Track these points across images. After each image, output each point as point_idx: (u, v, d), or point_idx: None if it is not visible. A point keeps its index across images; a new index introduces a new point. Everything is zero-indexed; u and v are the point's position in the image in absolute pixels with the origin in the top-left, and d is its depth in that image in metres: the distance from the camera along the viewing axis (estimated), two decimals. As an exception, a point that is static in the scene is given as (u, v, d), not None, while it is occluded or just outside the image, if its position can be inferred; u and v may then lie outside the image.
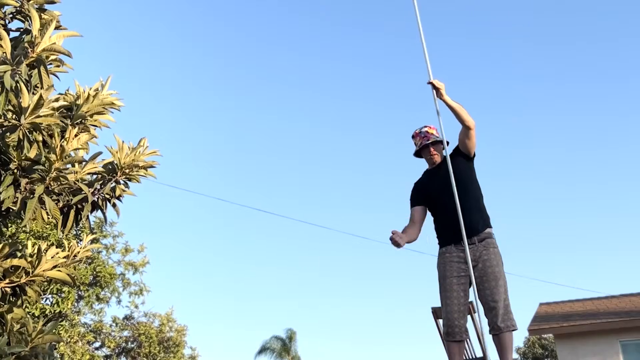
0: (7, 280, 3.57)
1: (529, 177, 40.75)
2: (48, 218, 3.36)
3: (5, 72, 2.80)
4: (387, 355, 48.64)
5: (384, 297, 47.36)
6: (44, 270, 3.62)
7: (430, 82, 4.25)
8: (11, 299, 3.66)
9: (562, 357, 16.28)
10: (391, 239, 4.10)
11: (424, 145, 4.45)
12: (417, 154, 4.58)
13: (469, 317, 4.28)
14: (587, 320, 16.29)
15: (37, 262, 3.58)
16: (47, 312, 13.62)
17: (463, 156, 4.39)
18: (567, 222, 41.40)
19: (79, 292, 16.52)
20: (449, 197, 4.18)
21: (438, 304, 4.49)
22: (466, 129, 4.27)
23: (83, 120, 3.46)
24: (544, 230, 43.20)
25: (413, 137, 4.57)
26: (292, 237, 47.78)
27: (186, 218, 41.83)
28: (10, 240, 3.55)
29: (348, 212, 43.14)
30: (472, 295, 4.28)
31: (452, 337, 4.12)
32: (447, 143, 4.39)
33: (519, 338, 34.61)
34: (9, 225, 12.71)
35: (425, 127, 4.51)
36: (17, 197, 3.21)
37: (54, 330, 3.64)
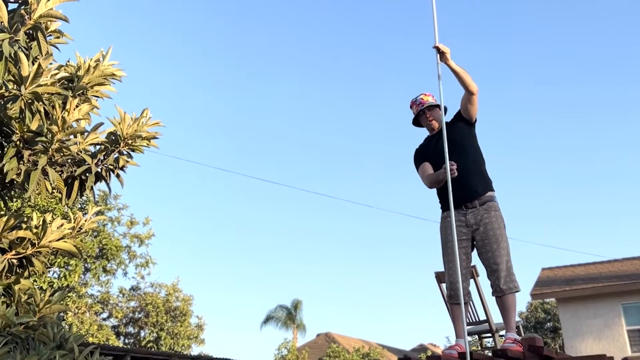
0: (13, 252, 3.60)
1: (531, 141, 40.67)
2: (52, 190, 3.38)
3: (3, 40, 2.78)
4: (393, 321, 49.24)
5: (388, 264, 47.77)
6: (49, 242, 3.65)
7: (435, 46, 4.25)
8: (18, 270, 3.70)
9: (565, 320, 16.47)
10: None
11: (420, 112, 4.52)
12: (416, 122, 4.64)
13: (472, 280, 4.33)
14: (589, 284, 16.44)
15: (42, 233, 3.61)
16: (54, 285, 13.78)
17: (464, 121, 4.43)
18: (569, 187, 41.45)
19: (86, 265, 16.69)
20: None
21: (441, 269, 4.54)
22: (469, 94, 4.30)
23: (84, 92, 3.45)
24: (547, 194, 43.29)
25: (410, 106, 4.64)
26: (297, 206, 47.96)
27: (190, 189, 41.95)
28: (15, 213, 3.57)
29: (352, 180, 43.23)
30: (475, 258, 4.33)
31: (456, 299, 4.19)
32: (445, 109, 4.43)
33: (521, 303, 34.98)
34: (14, 199, 12.79)
35: (421, 95, 4.57)
36: (20, 169, 3.22)
37: (61, 301, 3.69)
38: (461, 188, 4.09)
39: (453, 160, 4.02)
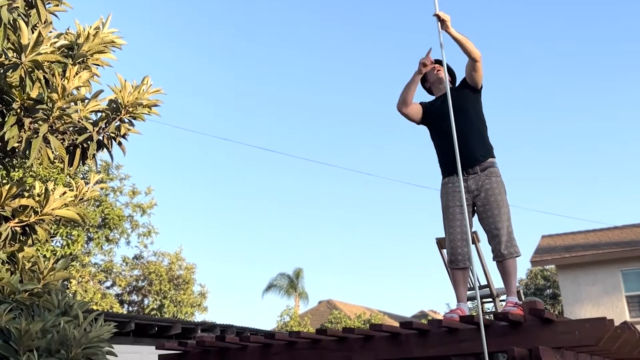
0: (16, 220, 3.62)
1: (530, 105, 40.43)
2: (54, 158, 3.38)
3: (1, 6, 2.75)
4: (393, 288, 49.71)
5: (388, 232, 48.02)
6: (52, 210, 3.66)
7: (436, 14, 4.22)
8: (21, 238, 3.72)
9: (564, 287, 16.62)
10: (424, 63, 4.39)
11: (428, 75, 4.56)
12: (423, 83, 4.65)
13: (472, 246, 4.37)
14: (588, 251, 16.55)
15: (45, 201, 3.62)
16: (57, 254, 13.89)
17: (470, 88, 4.44)
18: (570, 152, 41.33)
19: (89, 234, 16.79)
20: (450, 126, 4.20)
21: (442, 235, 4.57)
22: (472, 61, 4.30)
23: (84, 60, 3.43)
24: (548, 160, 43.23)
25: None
26: (297, 175, 47.98)
27: (191, 158, 41.93)
28: (17, 182, 3.57)
29: (353, 148, 43.16)
30: (475, 225, 4.35)
31: (456, 264, 4.23)
32: (453, 74, 4.42)
33: (521, 270, 35.24)
34: (16, 169, 12.80)
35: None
36: (22, 137, 3.21)
37: (65, 269, 3.72)
38: (463, 154, 4.10)
39: (456, 125, 4.00)
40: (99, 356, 3.16)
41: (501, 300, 5.29)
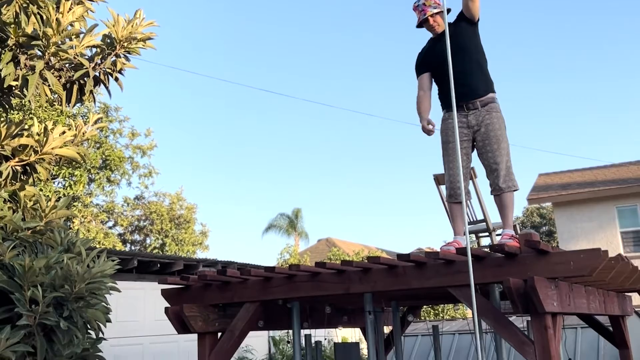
0: (16, 159, 3.63)
1: (527, 40, 39.80)
2: (51, 96, 3.37)
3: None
4: (391, 227, 50.30)
5: (385, 171, 48.19)
6: (52, 148, 3.67)
7: None
8: (22, 177, 3.74)
9: (560, 224, 16.83)
10: (429, 131, 4.33)
11: (424, 20, 4.46)
12: (420, 25, 4.57)
13: (470, 181, 4.40)
14: (585, 188, 16.66)
15: (44, 140, 3.63)
16: (60, 195, 13.99)
17: (467, 21, 4.37)
18: (567, 87, 41.01)
19: (90, 176, 16.85)
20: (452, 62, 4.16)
21: (440, 171, 4.60)
22: None
23: (77, -6, 3.36)
24: (544, 96, 42.93)
25: (413, 9, 4.54)
26: (297, 115, 47.75)
27: (190, 101, 41.62)
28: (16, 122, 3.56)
29: (352, 89, 42.79)
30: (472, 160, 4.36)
31: (455, 198, 4.28)
32: (449, 10, 4.34)
33: (517, 208, 35.54)
34: (15, 111, 12.72)
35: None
36: (18, 74, 3.19)
37: (67, 207, 3.76)
38: (463, 88, 4.08)
39: (455, 62, 3.96)
40: (102, 291, 3.23)
41: (497, 235, 5.38)
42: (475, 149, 4.30)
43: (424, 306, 15.16)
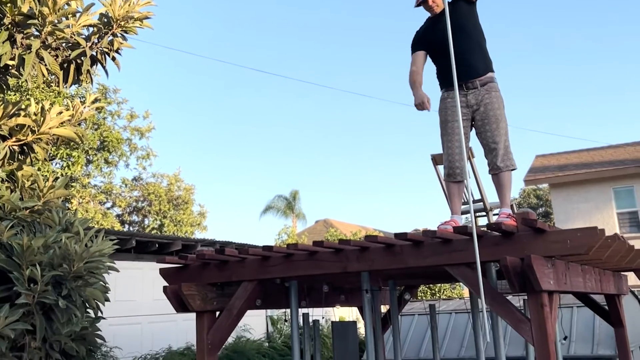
0: (13, 139, 3.63)
1: (525, 21, 39.57)
2: (48, 76, 3.35)
3: None
4: (388, 208, 50.41)
5: (383, 153, 48.16)
6: (49, 128, 3.66)
7: None
8: (20, 157, 3.74)
9: (556, 205, 16.89)
10: (424, 105, 4.27)
11: (423, 0, 4.44)
12: (418, 5, 4.54)
13: (467, 161, 4.39)
14: (581, 169, 16.70)
15: (42, 120, 3.62)
16: (57, 175, 13.98)
17: (465, 0, 4.33)
18: (565, 70, 40.87)
19: (88, 157, 16.83)
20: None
21: (437, 152, 4.59)
22: None
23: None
24: (542, 77, 42.80)
25: None
26: (294, 96, 47.58)
27: (187, 82, 41.42)
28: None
29: (350, 69, 42.58)
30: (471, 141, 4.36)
31: (453, 177, 4.28)
32: None
33: (514, 189, 35.62)
34: (12, 92, 12.65)
35: None
36: (15, 53, 3.17)
37: (65, 187, 3.76)
38: (462, 68, 4.06)
39: (454, 41, 3.94)
40: (100, 270, 3.24)
41: (494, 214, 5.39)
42: (473, 128, 4.30)
43: (421, 286, 15.29)
